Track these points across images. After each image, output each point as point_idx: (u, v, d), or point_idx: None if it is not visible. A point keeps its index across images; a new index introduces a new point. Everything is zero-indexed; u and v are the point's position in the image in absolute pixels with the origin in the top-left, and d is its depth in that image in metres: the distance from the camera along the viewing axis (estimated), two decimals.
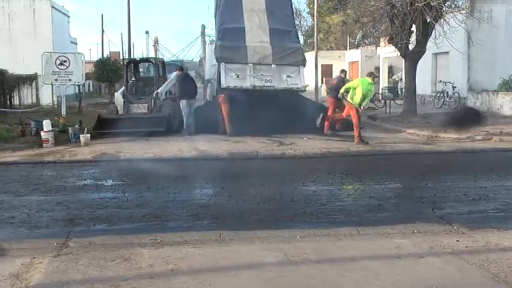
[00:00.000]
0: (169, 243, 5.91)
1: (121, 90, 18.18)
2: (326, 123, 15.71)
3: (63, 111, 17.35)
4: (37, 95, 25.82)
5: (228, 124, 15.54)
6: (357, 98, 13.96)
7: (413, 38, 19.84)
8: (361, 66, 37.09)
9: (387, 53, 29.79)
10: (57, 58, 17.28)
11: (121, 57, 43.51)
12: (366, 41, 37.78)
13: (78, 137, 14.41)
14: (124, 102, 17.05)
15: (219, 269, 5.11)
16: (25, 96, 24.08)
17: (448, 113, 19.58)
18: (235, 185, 9.31)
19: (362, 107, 14.30)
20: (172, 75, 19.30)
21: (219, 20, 18.49)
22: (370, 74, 14.42)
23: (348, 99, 14.28)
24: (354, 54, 40.67)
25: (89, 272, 5.00)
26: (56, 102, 24.88)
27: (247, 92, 16.18)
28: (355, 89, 14.05)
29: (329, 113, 15.94)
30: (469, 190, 8.49)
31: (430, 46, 19.82)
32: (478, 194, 8.25)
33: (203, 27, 56.88)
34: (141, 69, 23.76)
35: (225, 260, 5.32)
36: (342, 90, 14.64)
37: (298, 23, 49.39)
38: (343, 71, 17.85)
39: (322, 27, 48.74)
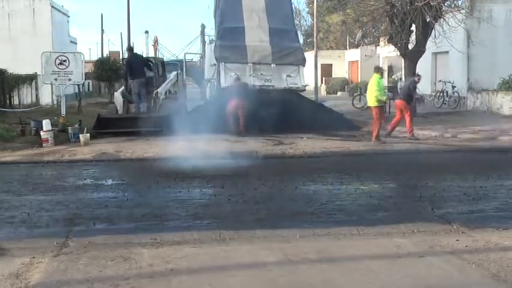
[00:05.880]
0: (169, 242, 5.91)
1: (120, 89, 18.16)
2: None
3: (63, 111, 17.33)
4: (37, 95, 25.77)
5: (243, 125, 15.46)
6: None
7: (413, 37, 19.83)
8: (361, 65, 37.09)
9: (387, 52, 29.79)
10: (57, 58, 17.23)
11: (120, 57, 43.44)
12: (366, 41, 37.78)
13: (78, 137, 14.40)
14: (124, 101, 17.03)
15: (219, 268, 5.10)
16: (25, 95, 24.03)
17: None
18: (235, 184, 9.30)
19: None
20: (172, 75, 19.29)
21: (218, 20, 18.46)
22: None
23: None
24: (353, 54, 40.66)
25: (88, 271, 5.00)
26: (55, 102, 24.89)
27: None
28: None
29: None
30: (468, 189, 8.49)
31: (430, 46, 19.81)
32: (477, 193, 8.25)
33: (203, 26, 56.43)
34: None
35: (225, 260, 5.31)
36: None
37: (297, 22, 49.36)
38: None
39: (321, 26, 48.68)
